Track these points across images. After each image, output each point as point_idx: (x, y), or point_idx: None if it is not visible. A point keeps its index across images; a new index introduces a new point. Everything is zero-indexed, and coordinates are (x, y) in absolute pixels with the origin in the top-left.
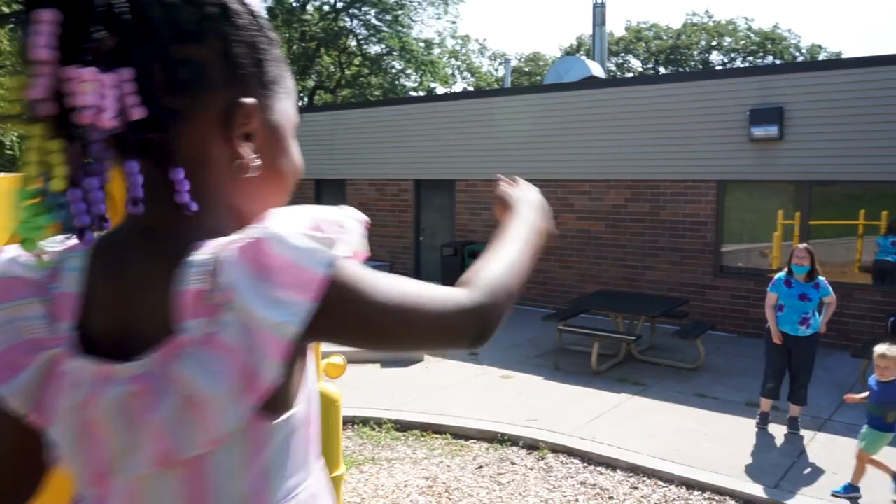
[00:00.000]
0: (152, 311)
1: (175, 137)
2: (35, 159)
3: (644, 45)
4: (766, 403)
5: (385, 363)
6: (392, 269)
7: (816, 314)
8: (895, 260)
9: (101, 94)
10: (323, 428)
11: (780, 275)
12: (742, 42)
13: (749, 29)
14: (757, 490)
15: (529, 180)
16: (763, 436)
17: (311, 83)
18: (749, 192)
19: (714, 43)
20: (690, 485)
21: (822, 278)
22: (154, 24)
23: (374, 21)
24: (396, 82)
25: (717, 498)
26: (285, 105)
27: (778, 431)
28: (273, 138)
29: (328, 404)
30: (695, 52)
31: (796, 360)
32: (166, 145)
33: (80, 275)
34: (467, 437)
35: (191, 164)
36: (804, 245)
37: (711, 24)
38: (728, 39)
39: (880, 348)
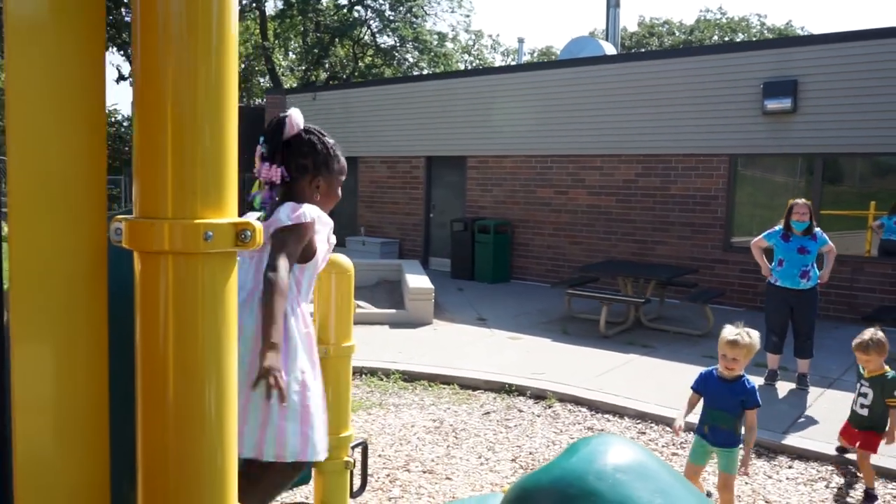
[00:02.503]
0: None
1: (295, 184)
2: (255, 189)
3: (657, 40)
4: (772, 360)
5: (393, 324)
6: (402, 245)
7: (815, 267)
8: None
9: (273, 173)
10: (340, 307)
11: (778, 228)
12: (755, 39)
13: (762, 25)
14: (765, 435)
15: (540, 156)
16: (772, 391)
17: (323, 74)
18: (761, 166)
19: (727, 39)
20: None
21: (818, 229)
22: (294, 152)
23: (388, 12)
24: (409, 75)
25: None
26: (334, 178)
27: (787, 389)
28: (327, 188)
29: (341, 272)
30: None
31: (798, 314)
32: (293, 186)
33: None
34: (474, 388)
35: (299, 191)
36: (803, 200)
37: (724, 20)
38: (741, 36)
39: (730, 332)
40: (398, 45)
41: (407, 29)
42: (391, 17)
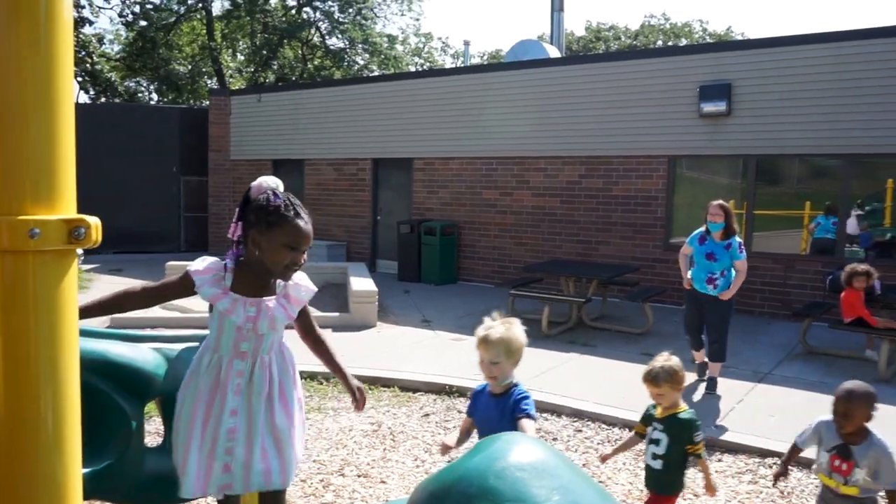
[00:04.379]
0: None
1: (245, 240)
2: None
3: (603, 44)
4: (696, 355)
5: (337, 328)
6: (349, 248)
7: (731, 275)
8: (834, 238)
9: (234, 230)
10: None
11: (699, 230)
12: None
13: (704, 31)
14: None
15: (486, 157)
16: (702, 385)
17: (272, 76)
18: (700, 167)
19: (670, 44)
20: (633, 427)
21: (736, 239)
22: (247, 217)
23: (337, 14)
24: (357, 76)
25: None
26: (273, 235)
27: (721, 384)
28: (267, 244)
29: None
30: None
31: (707, 318)
32: (246, 242)
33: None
34: (415, 390)
35: (247, 247)
36: (719, 201)
37: (668, 25)
38: (684, 41)
39: (481, 328)
40: (348, 47)
41: (356, 31)
42: (340, 19)
